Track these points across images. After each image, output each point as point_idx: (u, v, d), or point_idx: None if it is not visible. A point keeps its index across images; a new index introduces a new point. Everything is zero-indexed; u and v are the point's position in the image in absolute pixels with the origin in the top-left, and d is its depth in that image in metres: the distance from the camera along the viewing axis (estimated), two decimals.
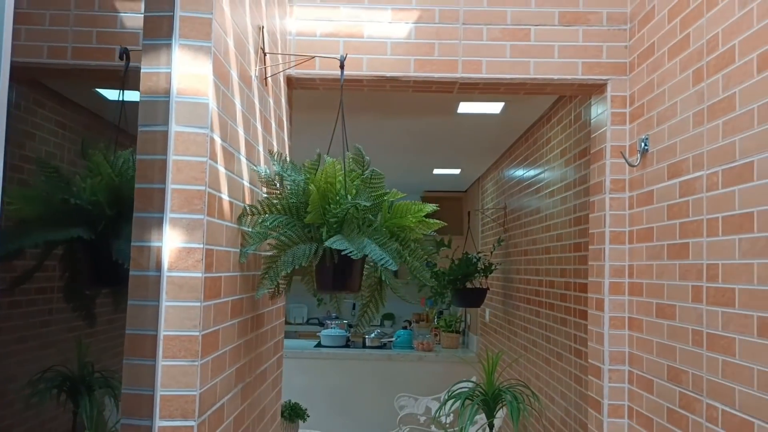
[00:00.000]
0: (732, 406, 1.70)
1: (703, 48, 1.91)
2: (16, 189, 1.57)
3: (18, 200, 1.59)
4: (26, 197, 1.65)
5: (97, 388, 1.78)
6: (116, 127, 1.88)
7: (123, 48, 1.85)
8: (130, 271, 1.42)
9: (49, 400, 1.67)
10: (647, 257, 2.28)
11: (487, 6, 2.51)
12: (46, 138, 1.68)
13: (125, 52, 1.83)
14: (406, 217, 1.79)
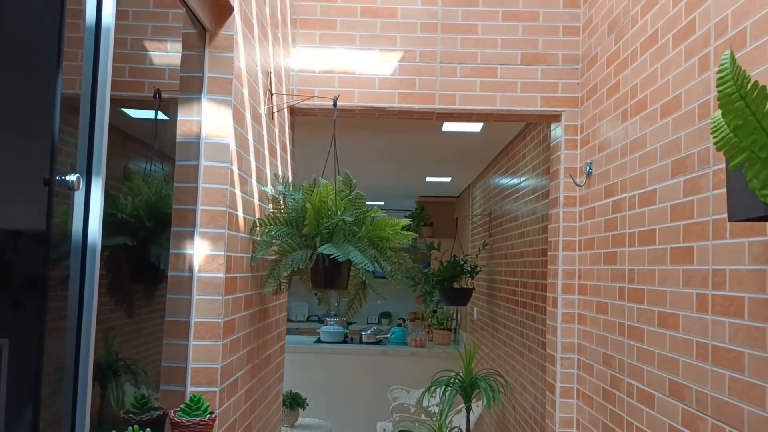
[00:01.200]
0: (641, 382, 2.14)
1: (628, 93, 2.35)
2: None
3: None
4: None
5: (123, 373, 2.22)
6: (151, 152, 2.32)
7: (156, 89, 2.31)
8: (168, 273, 1.86)
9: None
10: (590, 262, 2.72)
11: (460, 48, 2.95)
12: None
13: (158, 92, 2.28)
14: (384, 229, 2.23)
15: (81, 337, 1.24)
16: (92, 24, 1.24)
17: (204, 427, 1.65)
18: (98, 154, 1.24)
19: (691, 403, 1.78)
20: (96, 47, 1.23)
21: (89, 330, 1.25)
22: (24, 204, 1.12)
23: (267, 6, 2.39)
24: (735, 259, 1.58)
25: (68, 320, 1.26)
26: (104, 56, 1.24)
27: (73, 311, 1.25)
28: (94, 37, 1.24)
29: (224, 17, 1.91)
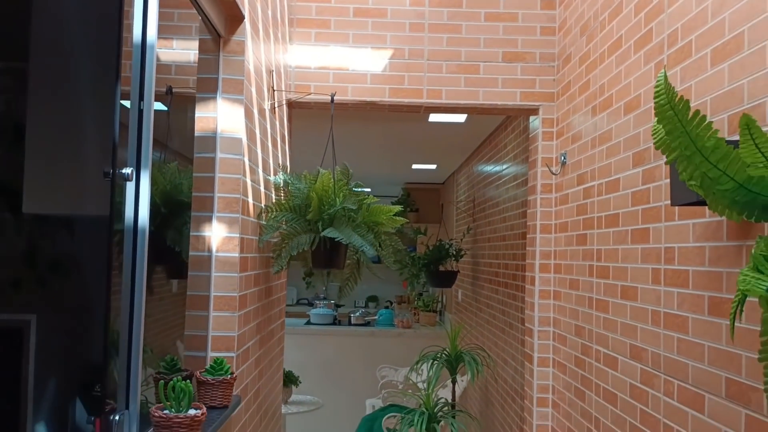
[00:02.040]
0: (607, 348, 2.42)
1: (597, 91, 2.61)
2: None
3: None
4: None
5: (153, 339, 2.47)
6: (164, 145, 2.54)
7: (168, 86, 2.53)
8: (190, 253, 2.10)
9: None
10: (564, 244, 2.99)
11: (446, 46, 3.19)
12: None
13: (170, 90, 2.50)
14: (379, 215, 2.48)
15: (134, 304, 1.49)
16: (139, 42, 1.47)
17: (226, 385, 1.90)
18: (146, 151, 1.47)
19: (648, 363, 2.07)
20: (142, 62, 1.46)
21: (141, 298, 1.49)
22: (93, 192, 1.35)
23: (269, 9, 2.61)
24: (682, 238, 1.86)
25: (123, 288, 1.49)
26: (149, 69, 1.47)
27: (127, 282, 1.49)
28: (141, 54, 1.46)
29: (236, 25, 2.14)
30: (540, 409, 3.17)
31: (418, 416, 3.93)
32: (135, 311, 1.49)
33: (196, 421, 1.49)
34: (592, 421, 2.57)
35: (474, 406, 5.50)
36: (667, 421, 1.91)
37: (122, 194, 1.48)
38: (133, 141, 1.46)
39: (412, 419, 3.98)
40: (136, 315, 1.49)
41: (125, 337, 1.49)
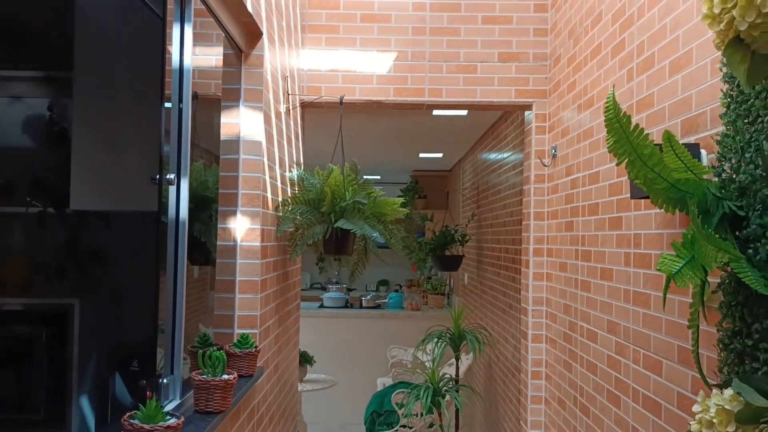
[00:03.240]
0: (589, 324, 2.70)
1: (581, 90, 2.86)
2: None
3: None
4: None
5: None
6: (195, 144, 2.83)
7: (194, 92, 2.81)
8: (217, 243, 2.39)
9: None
10: (555, 230, 3.26)
11: (446, 48, 3.44)
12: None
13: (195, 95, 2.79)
14: (385, 207, 2.77)
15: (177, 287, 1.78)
16: (177, 67, 1.75)
17: (251, 356, 2.20)
18: (185, 159, 1.76)
19: (620, 335, 2.34)
20: (180, 83, 1.75)
21: (182, 282, 1.79)
22: (145, 194, 1.65)
23: (284, 21, 2.88)
24: (646, 226, 2.12)
25: (167, 275, 1.79)
26: (186, 90, 1.75)
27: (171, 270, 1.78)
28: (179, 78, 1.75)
29: (255, 40, 2.41)
30: (534, 382, 3.46)
31: (424, 391, 4.24)
32: (178, 293, 1.79)
33: (229, 384, 1.79)
34: (577, 390, 2.86)
35: (478, 382, 5.80)
36: (635, 385, 2.19)
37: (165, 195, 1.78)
38: (174, 151, 1.75)
39: (418, 394, 4.29)
40: (179, 297, 1.79)
41: (170, 315, 1.79)
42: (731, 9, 1.21)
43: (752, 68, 1.26)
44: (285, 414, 3.14)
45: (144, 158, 1.80)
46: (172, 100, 1.75)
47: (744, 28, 1.21)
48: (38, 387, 1.93)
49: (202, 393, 1.73)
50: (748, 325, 1.36)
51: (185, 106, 1.75)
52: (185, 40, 1.75)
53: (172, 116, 1.74)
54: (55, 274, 1.71)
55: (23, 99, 1.75)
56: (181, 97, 1.73)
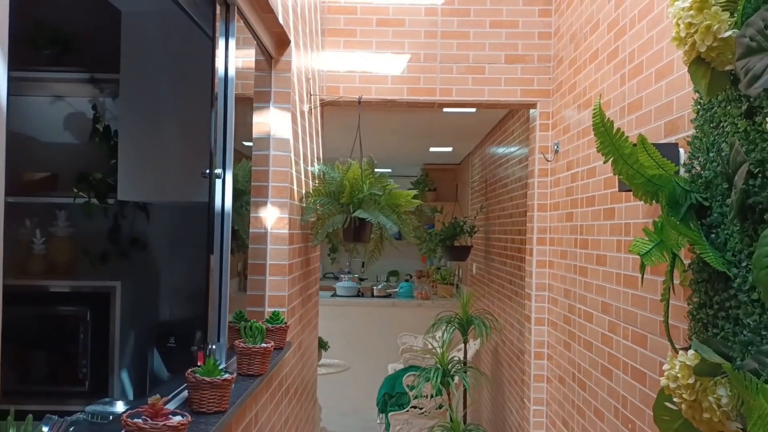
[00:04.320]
0: (586, 306, 2.96)
1: (581, 92, 3.11)
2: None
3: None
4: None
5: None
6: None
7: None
8: (250, 230, 2.66)
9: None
10: (557, 221, 3.51)
11: (456, 50, 3.69)
12: None
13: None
14: (399, 199, 3.03)
15: (222, 266, 2.06)
16: (223, 76, 2.01)
17: (282, 331, 2.47)
18: (229, 157, 2.03)
19: (612, 314, 2.60)
20: (225, 90, 2.01)
21: (227, 264, 2.06)
22: (198, 187, 1.92)
23: (308, 28, 3.14)
24: (635, 215, 2.37)
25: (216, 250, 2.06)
26: (230, 95, 2.02)
27: (217, 245, 2.05)
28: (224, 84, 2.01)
29: (284, 48, 2.68)
30: (537, 362, 3.72)
31: (434, 372, 4.51)
32: (223, 273, 2.06)
33: (267, 351, 2.06)
34: (575, 367, 3.12)
35: (486, 366, 6.07)
36: (625, 358, 2.45)
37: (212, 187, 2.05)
38: (221, 149, 2.02)
39: (428, 375, 4.56)
40: (224, 276, 2.07)
41: (217, 292, 2.06)
42: (694, 34, 1.46)
43: (711, 83, 1.51)
44: (306, 388, 3.42)
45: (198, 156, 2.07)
46: (218, 107, 2.01)
47: (704, 49, 1.46)
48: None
49: (245, 358, 2.00)
50: (711, 298, 1.61)
51: (230, 109, 2.01)
52: (229, 53, 2.01)
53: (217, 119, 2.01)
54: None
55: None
56: (226, 101, 2.00)
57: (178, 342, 3.11)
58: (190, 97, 2.36)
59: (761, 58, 1.31)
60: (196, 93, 2.19)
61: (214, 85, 1.89)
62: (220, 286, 2.06)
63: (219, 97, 2.01)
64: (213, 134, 1.90)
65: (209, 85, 1.89)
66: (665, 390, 1.57)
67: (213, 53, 1.90)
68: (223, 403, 1.60)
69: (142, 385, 3.22)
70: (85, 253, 3.07)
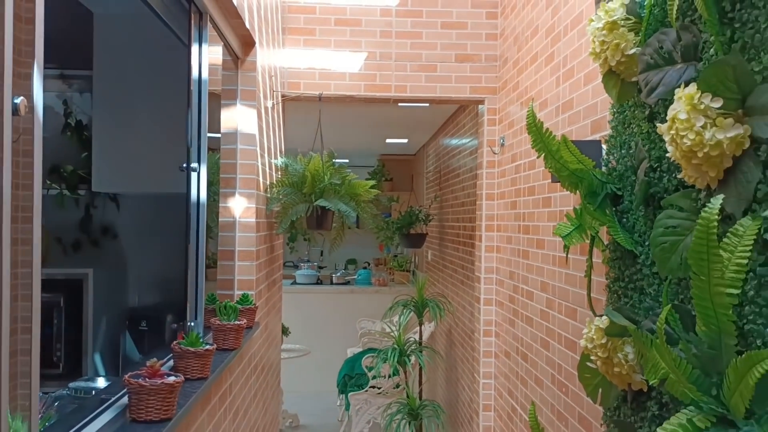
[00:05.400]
0: (528, 286, 3.26)
1: (522, 90, 3.39)
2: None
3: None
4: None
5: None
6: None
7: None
8: (219, 219, 2.86)
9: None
10: (503, 209, 3.81)
11: (410, 49, 3.93)
12: None
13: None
14: (358, 188, 3.27)
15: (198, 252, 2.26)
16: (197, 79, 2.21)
17: (251, 312, 2.69)
18: (203, 152, 2.23)
19: (549, 292, 2.90)
20: (200, 91, 2.21)
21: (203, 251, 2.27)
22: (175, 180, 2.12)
23: (271, 28, 3.33)
24: (568, 203, 2.67)
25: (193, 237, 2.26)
26: (204, 96, 2.21)
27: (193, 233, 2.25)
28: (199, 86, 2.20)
29: (249, 48, 2.87)
30: (485, 339, 4.03)
31: (391, 352, 4.79)
32: (200, 258, 2.27)
33: (241, 327, 2.28)
34: (519, 342, 3.43)
35: (441, 346, 6.39)
36: (559, 330, 2.76)
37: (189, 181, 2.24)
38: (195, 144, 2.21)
39: (386, 356, 4.83)
40: (200, 261, 2.27)
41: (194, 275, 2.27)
42: (606, 50, 1.74)
43: (621, 91, 1.80)
44: (272, 367, 3.64)
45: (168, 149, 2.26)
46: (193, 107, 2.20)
47: (614, 64, 1.74)
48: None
49: (221, 334, 2.21)
50: (622, 272, 1.91)
51: (203, 109, 2.20)
52: (203, 57, 2.20)
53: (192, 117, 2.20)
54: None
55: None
56: (200, 102, 2.19)
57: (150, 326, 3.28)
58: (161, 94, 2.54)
59: (657, 72, 1.60)
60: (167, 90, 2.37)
61: (190, 87, 2.09)
62: (196, 270, 2.26)
63: (194, 98, 2.20)
64: (189, 132, 2.09)
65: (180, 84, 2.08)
66: (585, 350, 1.86)
67: (189, 58, 2.09)
68: (205, 370, 1.82)
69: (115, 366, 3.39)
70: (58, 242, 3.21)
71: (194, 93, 2.19)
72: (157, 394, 1.42)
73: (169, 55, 2.52)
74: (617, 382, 1.80)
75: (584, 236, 1.85)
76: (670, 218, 1.54)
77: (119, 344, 3.45)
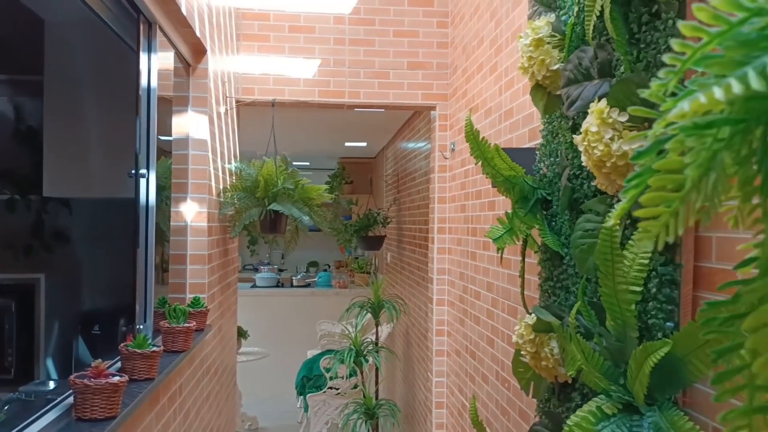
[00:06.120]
0: (475, 286, 3.38)
1: (470, 97, 3.52)
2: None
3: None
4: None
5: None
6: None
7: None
8: (171, 223, 2.90)
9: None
10: (454, 212, 3.93)
11: (363, 57, 4.03)
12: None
13: None
14: (311, 192, 3.34)
15: (148, 256, 2.30)
16: (146, 86, 2.26)
17: (203, 314, 2.74)
18: (152, 158, 2.28)
19: (494, 292, 3.03)
20: (148, 99, 2.26)
21: (152, 253, 2.31)
22: (126, 185, 2.16)
23: (223, 36, 3.38)
24: (509, 207, 2.79)
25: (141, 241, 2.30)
26: (153, 104, 2.26)
27: (143, 237, 2.30)
28: (148, 94, 2.25)
29: (201, 56, 2.92)
30: (438, 338, 4.14)
31: (347, 353, 4.87)
32: (149, 262, 2.31)
33: (190, 330, 2.33)
34: (468, 340, 3.55)
35: (399, 347, 6.49)
36: (503, 328, 2.88)
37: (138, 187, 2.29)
38: (144, 151, 2.26)
39: (342, 357, 4.91)
40: (149, 265, 2.32)
41: (143, 279, 2.31)
42: (533, 65, 1.86)
43: (547, 104, 1.92)
44: (226, 369, 3.68)
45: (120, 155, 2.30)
46: (141, 115, 2.25)
47: (540, 78, 1.86)
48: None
49: (170, 336, 2.26)
50: (552, 272, 2.03)
51: (152, 118, 2.25)
52: (152, 67, 2.26)
53: (141, 125, 2.25)
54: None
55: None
56: (149, 110, 2.24)
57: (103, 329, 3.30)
58: (112, 100, 2.57)
59: (576, 87, 1.73)
60: (118, 97, 2.41)
61: (139, 96, 2.13)
62: (145, 274, 2.31)
63: (142, 106, 2.25)
64: (138, 139, 2.14)
65: (132, 91, 2.13)
66: (516, 346, 1.98)
67: (137, 68, 2.14)
68: (152, 372, 1.87)
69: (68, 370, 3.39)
70: (9, 247, 3.20)
71: (143, 101, 2.24)
72: (102, 393, 1.47)
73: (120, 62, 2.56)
74: (546, 375, 1.92)
75: (515, 239, 1.97)
76: (588, 222, 1.66)
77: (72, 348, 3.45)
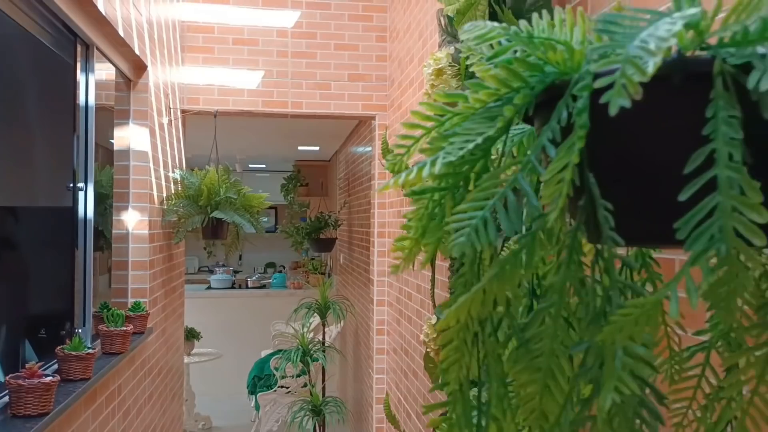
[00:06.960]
0: (407, 285, 3.59)
1: (405, 110, 3.73)
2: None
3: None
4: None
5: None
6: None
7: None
8: (113, 231, 3.03)
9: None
10: (391, 216, 4.14)
11: (306, 68, 4.20)
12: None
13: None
14: (252, 201, 3.51)
15: (86, 263, 2.44)
16: (83, 104, 2.40)
17: (143, 318, 2.88)
18: (90, 171, 2.42)
19: (421, 293, 3.24)
20: (86, 117, 2.39)
21: (90, 261, 2.45)
22: (64, 197, 2.30)
23: (166, 49, 3.52)
24: None
25: (80, 250, 2.44)
26: (91, 120, 2.40)
27: (81, 245, 2.44)
28: (86, 111, 2.39)
29: (141, 72, 3.06)
30: (378, 337, 4.35)
31: (294, 353, 5.04)
32: (87, 268, 2.45)
33: (127, 333, 2.48)
34: (403, 339, 3.77)
35: (349, 346, 6.69)
36: None
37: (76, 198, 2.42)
38: (82, 166, 2.40)
39: (290, 356, 5.08)
40: (88, 271, 2.45)
41: (81, 284, 2.45)
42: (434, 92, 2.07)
43: None
44: (171, 370, 3.82)
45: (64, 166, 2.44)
46: (80, 130, 2.39)
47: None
48: None
49: (108, 339, 2.41)
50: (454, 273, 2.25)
51: (90, 134, 2.39)
52: (89, 87, 2.39)
53: (79, 139, 2.39)
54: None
55: None
56: (87, 127, 2.38)
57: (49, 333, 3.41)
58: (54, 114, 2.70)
59: None
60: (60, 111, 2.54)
61: (76, 115, 2.27)
62: (84, 280, 2.45)
63: (80, 123, 2.39)
64: (75, 155, 2.28)
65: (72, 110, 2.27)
66: (424, 344, 2.19)
67: (75, 88, 2.28)
68: (87, 372, 2.02)
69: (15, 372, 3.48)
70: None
71: (81, 118, 2.38)
72: (35, 392, 1.62)
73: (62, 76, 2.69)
74: None
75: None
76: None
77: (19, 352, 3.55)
